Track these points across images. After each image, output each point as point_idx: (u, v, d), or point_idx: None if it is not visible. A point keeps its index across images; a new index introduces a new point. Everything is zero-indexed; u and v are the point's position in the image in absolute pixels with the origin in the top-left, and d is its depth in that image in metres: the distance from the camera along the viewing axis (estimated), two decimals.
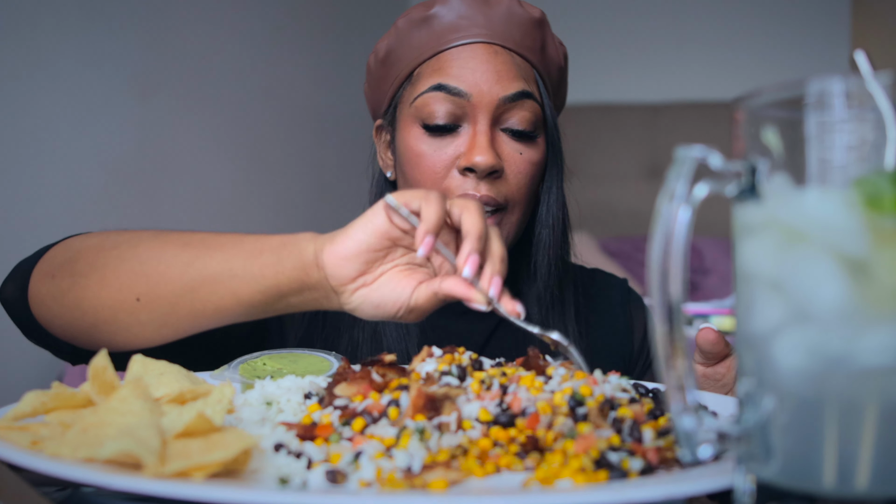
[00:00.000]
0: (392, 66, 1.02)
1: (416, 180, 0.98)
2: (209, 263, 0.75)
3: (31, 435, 0.55)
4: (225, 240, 0.77)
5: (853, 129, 0.42)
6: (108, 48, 1.90)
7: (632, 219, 2.94)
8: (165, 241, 0.80)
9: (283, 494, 0.46)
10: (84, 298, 0.80)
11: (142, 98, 2.01)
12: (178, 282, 0.76)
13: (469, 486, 0.51)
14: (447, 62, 0.96)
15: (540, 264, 1.02)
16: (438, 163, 0.95)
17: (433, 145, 0.96)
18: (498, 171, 0.94)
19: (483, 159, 0.92)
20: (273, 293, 0.73)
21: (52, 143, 1.76)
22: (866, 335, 0.40)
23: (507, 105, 0.95)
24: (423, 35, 0.99)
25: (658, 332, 0.43)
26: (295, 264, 0.72)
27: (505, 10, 0.98)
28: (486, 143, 0.93)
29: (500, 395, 0.60)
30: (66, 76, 1.79)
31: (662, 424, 0.60)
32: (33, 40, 1.71)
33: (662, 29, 3.20)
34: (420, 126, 0.97)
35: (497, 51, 0.96)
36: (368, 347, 0.99)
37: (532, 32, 0.99)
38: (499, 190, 0.95)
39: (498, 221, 0.96)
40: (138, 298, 0.77)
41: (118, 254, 0.80)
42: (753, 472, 0.45)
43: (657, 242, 0.43)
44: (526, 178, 0.97)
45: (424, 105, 0.96)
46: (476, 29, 0.97)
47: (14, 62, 1.67)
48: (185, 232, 0.81)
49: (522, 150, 0.97)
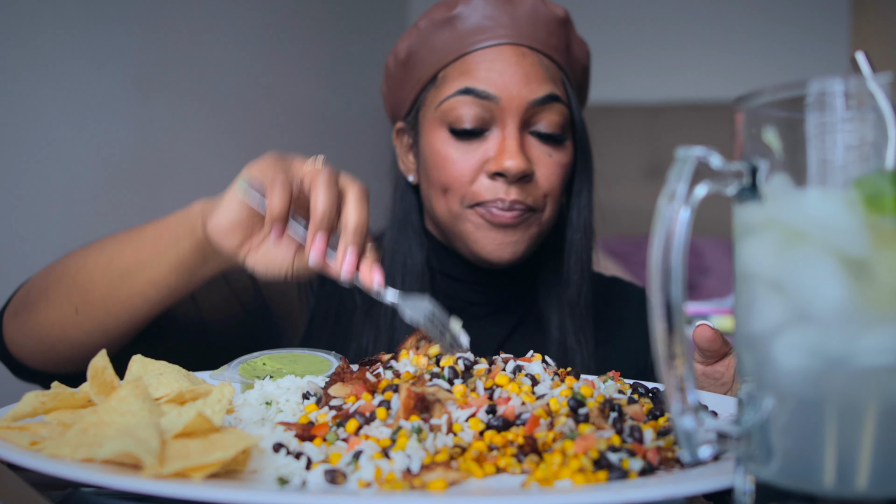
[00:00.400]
0: (414, 68, 1.00)
1: (444, 184, 0.96)
2: (122, 260, 0.80)
3: (30, 435, 0.55)
4: (134, 233, 0.82)
5: (853, 129, 0.42)
6: (109, 48, 1.90)
7: (632, 219, 2.94)
8: (89, 249, 0.85)
9: (282, 494, 0.46)
10: (37, 324, 0.85)
11: (142, 98, 2.01)
12: (102, 284, 0.81)
13: (468, 487, 0.51)
14: (474, 64, 0.95)
15: (573, 269, 1.01)
16: (466, 167, 0.94)
17: (461, 149, 0.94)
18: (528, 176, 0.93)
19: (514, 164, 0.91)
20: (183, 270, 0.78)
21: (52, 143, 1.76)
22: (866, 335, 0.40)
23: (535, 108, 0.94)
24: (447, 36, 0.97)
25: (658, 332, 0.43)
26: (191, 240, 0.76)
27: (530, 10, 0.96)
28: (517, 148, 0.92)
29: (488, 400, 0.60)
30: (66, 76, 1.79)
31: (662, 424, 0.60)
32: (33, 40, 1.71)
33: (662, 29, 3.20)
34: (447, 130, 0.95)
35: (525, 52, 0.95)
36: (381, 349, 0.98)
37: (557, 32, 0.98)
38: (528, 193, 0.94)
39: (526, 221, 0.95)
40: (76, 310, 0.82)
41: (56, 274, 0.85)
42: (753, 473, 0.45)
43: (657, 242, 0.43)
44: (556, 181, 0.96)
45: (451, 109, 0.94)
46: (502, 30, 0.95)
47: (14, 62, 1.67)
48: (110, 236, 0.86)
49: (552, 152, 0.96)
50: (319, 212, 0.69)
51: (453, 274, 1.03)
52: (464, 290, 1.04)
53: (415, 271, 1.01)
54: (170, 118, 2.12)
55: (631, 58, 3.22)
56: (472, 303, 1.04)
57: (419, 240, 1.03)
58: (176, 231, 0.78)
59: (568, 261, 1.01)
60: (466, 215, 0.95)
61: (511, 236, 0.94)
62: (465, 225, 0.96)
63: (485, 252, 0.95)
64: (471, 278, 1.04)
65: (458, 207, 0.96)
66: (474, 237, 0.95)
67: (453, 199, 0.96)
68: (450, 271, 1.03)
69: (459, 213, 0.96)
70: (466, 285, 1.04)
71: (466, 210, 0.95)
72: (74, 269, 0.83)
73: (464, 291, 1.04)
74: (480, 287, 1.04)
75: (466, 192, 0.95)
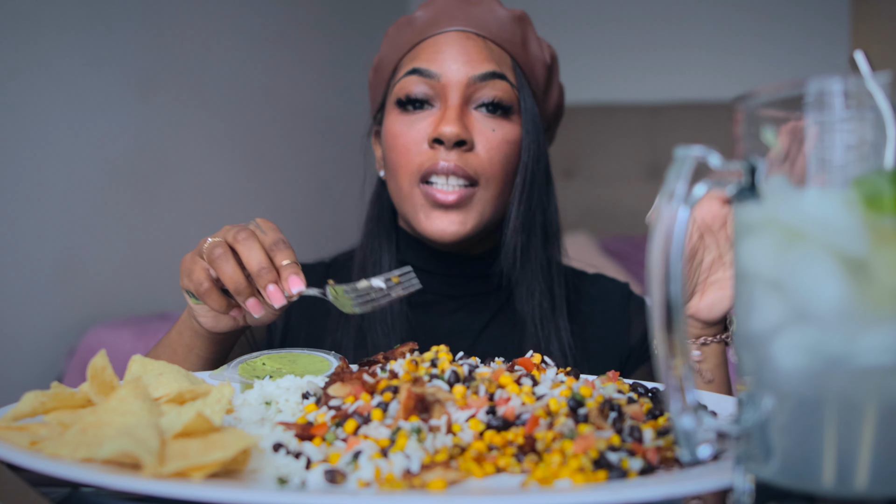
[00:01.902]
0: (382, 71, 1.07)
1: (394, 161, 1.00)
2: None
3: (30, 435, 0.55)
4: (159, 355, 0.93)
5: (852, 128, 0.42)
6: (108, 48, 1.90)
7: (632, 219, 2.94)
8: None
9: (282, 494, 0.46)
10: None
11: (142, 98, 2.01)
12: None
13: (468, 487, 0.51)
14: (422, 50, 1.01)
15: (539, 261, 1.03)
16: (411, 139, 0.99)
17: (406, 122, 1.00)
18: (466, 143, 0.97)
19: (450, 129, 0.95)
20: (210, 356, 0.91)
21: (52, 143, 1.76)
22: (866, 335, 0.40)
23: (477, 84, 0.98)
24: (406, 34, 1.04)
25: (658, 332, 0.43)
26: (199, 340, 0.90)
27: (485, 8, 1.02)
28: (455, 116, 0.96)
29: (488, 401, 0.60)
30: (66, 76, 1.79)
31: (662, 424, 0.60)
32: (33, 40, 1.71)
33: (662, 29, 3.20)
34: (396, 106, 1.01)
35: (469, 36, 1.01)
36: (352, 345, 1.02)
37: (509, 26, 1.02)
38: (468, 162, 0.97)
39: (470, 197, 0.97)
40: None
41: None
42: (753, 472, 0.45)
43: (657, 242, 0.43)
44: (499, 155, 0.99)
45: (401, 88, 1.00)
46: (453, 21, 1.01)
47: (14, 62, 1.67)
48: None
49: (495, 126, 0.99)
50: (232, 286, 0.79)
51: (425, 267, 1.05)
52: (436, 282, 1.06)
53: (385, 266, 1.05)
54: (169, 118, 2.12)
55: (631, 58, 3.23)
56: (447, 295, 1.06)
57: (389, 235, 1.07)
58: (184, 341, 0.90)
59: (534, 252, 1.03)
60: (414, 195, 0.99)
61: (454, 216, 0.97)
62: (412, 204, 0.99)
63: (428, 231, 0.98)
64: (442, 270, 1.05)
65: (406, 186, 0.99)
66: (419, 217, 0.99)
67: (403, 176, 1.00)
68: (422, 264, 1.05)
69: (408, 193, 0.99)
70: (439, 277, 1.06)
71: (415, 189, 0.99)
72: None
73: (437, 284, 1.06)
74: (453, 279, 1.06)
75: (412, 165, 0.98)
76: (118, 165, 1.93)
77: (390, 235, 1.07)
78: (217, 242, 0.79)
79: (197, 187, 2.22)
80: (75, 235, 1.78)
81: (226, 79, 2.32)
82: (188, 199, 2.18)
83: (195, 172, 2.22)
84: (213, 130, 2.28)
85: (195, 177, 2.22)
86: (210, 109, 2.26)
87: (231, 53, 2.34)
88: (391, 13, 3.20)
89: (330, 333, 1.03)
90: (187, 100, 2.18)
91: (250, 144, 2.43)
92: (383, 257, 1.05)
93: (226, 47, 2.32)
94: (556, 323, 1.02)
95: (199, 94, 2.22)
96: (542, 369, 0.68)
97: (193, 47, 2.19)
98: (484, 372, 0.65)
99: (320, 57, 2.76)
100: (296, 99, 2.64)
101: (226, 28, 2.32)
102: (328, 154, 2.77)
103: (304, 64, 2.68)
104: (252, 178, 2.46)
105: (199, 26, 2.21)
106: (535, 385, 0.63)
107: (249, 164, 2.44)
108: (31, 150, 1.71)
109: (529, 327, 1.02)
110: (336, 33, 2.84)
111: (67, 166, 1.79)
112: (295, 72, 2.63)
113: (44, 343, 1.76)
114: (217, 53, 2.28)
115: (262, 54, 2.46)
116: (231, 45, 2.34)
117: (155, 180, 2.06)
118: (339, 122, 2.81)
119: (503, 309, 1.06)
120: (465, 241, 1.00)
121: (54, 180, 1.75)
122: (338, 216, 2.70)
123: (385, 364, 0.68)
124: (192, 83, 2.19)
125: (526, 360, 0.69)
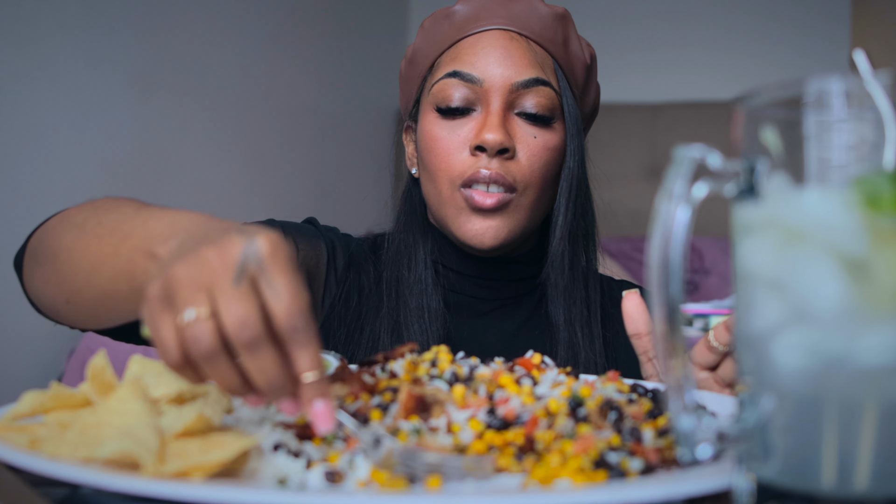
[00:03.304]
0: (417, 64, 1.04)
1: (433, 165, 0.98)
2: (99, 281, 0.70)
3: (29, 435, 0.55)
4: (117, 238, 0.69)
5: (852, 128, 0.42)
6: (108, 48, 1.90)
7: (632, 219, 2.94)
8: (83, 231, 0.75)
9: (281, 494, 0.46)
10: (38, 291, 0.83)
11: (142, 98, 2.01)
12: (87, 293, 0.73)
13: (467, 486, 0.51)
14: (463, 50, 0.98)
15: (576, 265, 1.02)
16: (451, 145, 0.97)
17: (447, 128, 0.97)
18: (508, 151, 0.95)
19: (493, 136, 0.93)
20: None
21: (52, 143, 1.76)
22: (866, 335, 0.40)
23: (520, 90, 0.96)
24: (444, 29, 1.00)
25: (658, 332, 0.43)
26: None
27: (526, 5, 0.99)
28: (497, 123, 0.94)
29: (488, 401, 0.60)
30: (66, 76, 1.79)
31: (662, 424, 0.60)
32: (33, 40, 1.71)
33: (662, 29, 3.20)
34: (436, 111, 0.99)
35: (513, 37, 0.98)
36: (388, 339, 1.00)
37: (552, 25, 1.00)
38: (509, 170, 0.95)
39: (508, 202, 0.96)
40: (67, 301, 0.78)
41: (53, 249, 0.78)
42: (753, 472, 0.45)
43: (656, 242, 0.43)
44: (540, 162, 0.97)
45: (440, 91, 0.98)
46: (494, 19, 0.98)
47: (14, 62, 1.67)
48: (107, 213, 0.76)
49: (537, 133, 0.97)
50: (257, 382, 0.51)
51: (457, 268, 1.04)
52: (469, 284, 1.04)
53: (419, 266, 1.03)
54: (169, 118, 2.12)
55: (631, 58, 3.22)
56: (478, 298, 1.05)
57: (423, 235, 1.05)
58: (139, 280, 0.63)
59: (577, 259, 1.02)
60: (453, 199, 0.97)
61: (491, 221, 0.96)
62: (450, 209, 0.98)
63: (466, 237, 0.97)
64: (474, 272, 1.04)
65: (446, 190, 0.98)
66: (457, 222, 0.97)
67: (442, 181, 0.98)
68: (454, 265, 1.04)
69: (448, 197, 0.98)
70: (471, 280, 1.04)
71: (454, 193, 0.97)
72: (65, 257, 0.76)
73: (469, 286, 1.04)
74: (485, 281, 1.05)
75: (452, 171, 0.97)
76: (117, 165, 1.93)
77: (425, 232, 1.05)
78: (203, 332, 0.49)
79: (197, 187, 2.22)
80: None
81: (225, 79, 2.32)
82: (188, 199, 2.18)
83: (195, 172, 2.22)
84: (213, 130, 2.28)
85: (195, 177, 2.22)
86: (210, 109, 2.26)
87: (231, 53, 2.34)
88: (392, 13, 3.20)
89: (368, 323, 1.02)
90: (187, 100, 2.18)
91: (250, 144, 2.43)
92: (418, 253, 1.03)
93: (226, 47, 2.32)
94: (591, 329, 1.02)
95: (199, 94, 2.22)
96: (541, 370, 0.68)
97: (193, 47, 2.19)
98: (484, 373, 0.65)
99: (320, 57, 2.76)
100: (296, 99, 2.64)
101: (225, 28, 2.32)
102: (328, 154, 2.77)
103: (304, 64, 2.68)
104: (252, 177, 2.46)
105: (198, 26, 2.21)
106: (535, 385, 0.63)
107: (249, 164, 2.44)
108: (30, 149, 1.71)
109: (563, 332, 1.01)
110: (336, 33, 2.84)
111: (67, 166, 1.79)
112: (295, 72, 2.63)
113: (43, 343, 1.76)
114: (217, 53, 2.28)
115: (261, 54, 2.46)
116: (231, 45, 2.34)
117: (154, 180, 2.06)
118: (338, 121, 2.81)
119: (535, 313, 1.05)
120: (501, 248, 0.99)
121: (54, 180, 1.75)
122: (338, 216, 2.70)
123: (385, 364, 0.68)
124: (191, 83, 2.19)
125: (526, 360, 0.69)
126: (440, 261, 1.04)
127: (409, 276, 1.02)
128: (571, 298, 1.01)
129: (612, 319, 1.06)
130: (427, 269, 1.02)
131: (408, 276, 1.02)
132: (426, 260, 1.03)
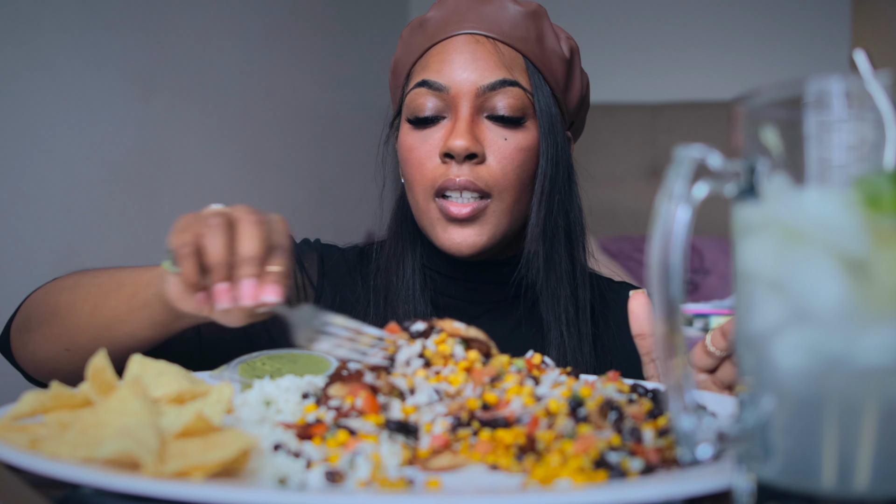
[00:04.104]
0: (398, 75, 1.05)
1: (409, 175, 0.99)
2: (103, 312, 0.83)
3: (29, 435, 0.55)
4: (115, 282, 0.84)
5: (853, 128, 0.42)
6: (108, 48, 1.90)
7: (632, 219, 2.94)
8: (77, 289, 0.87)
9: (281, 494, 0.46)
10: (34, 353, 0.89)
11: (142, 98, 2.01)
12: (88, 331, 0.84)
13: (467, 486, 0.51)
14: (432, 58, 0.99)
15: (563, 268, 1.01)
16: (423, 153, 0.97)
17: (419, 138, 0.98)
18: (477, 156, 0.95)
19: (459, 143, 0.93)
20: (158, 327, 0.81)
21: (52, 143, 1.76)
22: (866, 335, 0.40)
23: (487, 94, 0.96)
24: (418, 38, 1.01)
25: (658, 332, 0.43)
26: (159, 304, 0.78)
27: (495, 7, 0.99)
28: (464, 128, 0.94)
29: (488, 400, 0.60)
30: (66, 76, 1.79)
31: (662, 424, 0.60)
32: (33, 40, 1.71)
33: (662, 29, 3.20)
34: (408, 122, 1.00)
35: (479, 40, 0.97)
36: None
37: (523, 23, 0.99)
38: (479, 175, 0.95)
39: (483, 209, 0.96)
40: (67, 349, 0.86)
41: (49, 309, 0.88)
42: (753, 472, 0.45)
43: (657, 242, 0.43)
44: (512, 164, 0.96)
45: (411, 101, 0.99)
46: (463, 23, 0.98)
47: (14, 62, 1.67)
48: (99, 273, 0.88)
49: (508, 135, 0.97)
50: (215, 262, 0.68)
51: (447, 272, 1.05)
52: (458, 289, 1.05)
53: (407, 272, 1.03)
54: (170, 118, 2.12)
55: (631, 58, 3.22)
56: (468, 301, 1.05)
57: (413, 241, 1.05)
58: (145, 295, 0.80)
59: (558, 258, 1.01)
60: (430, 209, 0.98)
61: (468, 230, 0.96)
62: (429, 219, 0.99)
63: (444, 247, 0.98)
64: (463, 276, 1.04)
65: (422, 201, 0.99)
66: (435, 232, 0.98)
67: (418, 191, 0.99)
68: (443, 270, 1.05)
69: (424, 208, 0.99)
70: (461, 283, 1.05)
71: (429, 204, 0.98)
72: (65, 310, 0.86)
73: (458, 291, 1.05)
74: (473, 284, 1.05)
75: (425, 180, 0.97)
76: (118, 165, 1.93)
77: (414, 239, 1.05)
78: (220, 212, 0.71)
79: (197, 187, 2.22)
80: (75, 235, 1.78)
81: (226, 79, 2.32)
82: (188, 199, 2.18)
83: (195, 172, 2.22)
84: (214, 130, 2.28)
85: (195, 177, 2.22)
86: (210, 109, 2.26)
87: (231, 53, 2.34)
88: (392, 13, 3.20)
89: None
90: (188, 100, 2.18)
91: (250, 144, 2.43)
92: (406, 260, 1.04)
93: (226, 47, 2.32)
94: (580, 329, 1.01)
95: (200, 95, 2.22)
96: (542, 370, 0.68)
97: (193, 47, 2.19)
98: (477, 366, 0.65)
99: (320, 57, 2.76)
100: (296, 99, 2.64)
101: (226, 28, 2.32)
102: (328, 154, 2.77)
103: (304, 64, 2.68)
104: (252, 177, 2.45)
105: (198, 26, 2.21)
106: (537, 385, 0.64)
107: (250, 164, 2.44)
108: (31, 150, 1.71)
109: (555, 334, 1.01)
110: (336, 33, 2.84)
111: (67, 166, 1.79)
112: (295, 72, 2.63)
113: None
114: (217, 53, 2.28)
115: (262, 54, 2.46)
116: (231, 45, 2.34)
117: (155, 180, 2.06)
118: (339, 121, 2.81)
119: (529, 315, 1.05)
120: (482, 253, 0.99)
121: (54, 180, 1.75)
122: (338, 216, 2.70)
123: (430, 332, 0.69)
124: (192, 83, 2.19)
125: (526, 360, 0.69)
126: (429, 265, 1.05)
127: (397, 283, 1.03)
128: (555, 298, 1.00)
129: (604, 319, 1.06)
130: (415, 275, 1.03)
131: (396, 283, 1.03)
132: (414, 265, 1.04)
